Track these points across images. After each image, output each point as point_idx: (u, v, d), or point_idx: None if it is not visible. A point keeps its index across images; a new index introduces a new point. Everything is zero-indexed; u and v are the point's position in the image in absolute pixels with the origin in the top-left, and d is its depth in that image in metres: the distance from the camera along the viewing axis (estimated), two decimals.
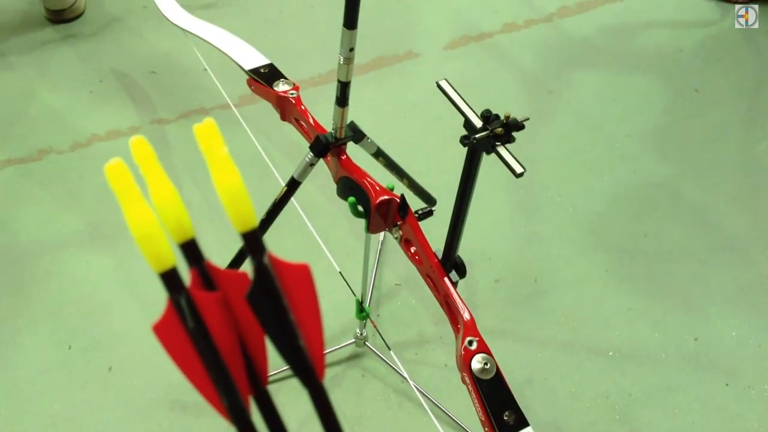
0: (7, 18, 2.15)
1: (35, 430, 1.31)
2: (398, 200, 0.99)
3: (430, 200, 1.40)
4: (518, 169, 0.76)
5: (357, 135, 1.12)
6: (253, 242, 0.35)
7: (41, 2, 2.12)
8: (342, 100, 1.00)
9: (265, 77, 1.22)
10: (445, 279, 0.94)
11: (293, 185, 1.13)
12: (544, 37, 2.20)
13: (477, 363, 0.83)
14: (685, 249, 1.65)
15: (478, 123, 0.80)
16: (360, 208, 1.02)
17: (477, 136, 0.79)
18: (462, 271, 0.97)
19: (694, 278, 1.59)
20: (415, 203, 1.18)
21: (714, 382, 1.42)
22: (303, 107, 1.16)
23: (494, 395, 0.80)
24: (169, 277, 0.35)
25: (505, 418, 0.79)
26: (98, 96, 1.94)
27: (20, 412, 1.33)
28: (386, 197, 0.99)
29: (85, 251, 1.58)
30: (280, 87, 1.20)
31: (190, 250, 0.35)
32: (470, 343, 0.85)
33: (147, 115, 1.89)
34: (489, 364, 0.82)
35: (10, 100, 1.92)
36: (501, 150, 0.78)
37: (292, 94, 1.18)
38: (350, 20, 0.88)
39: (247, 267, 0.36)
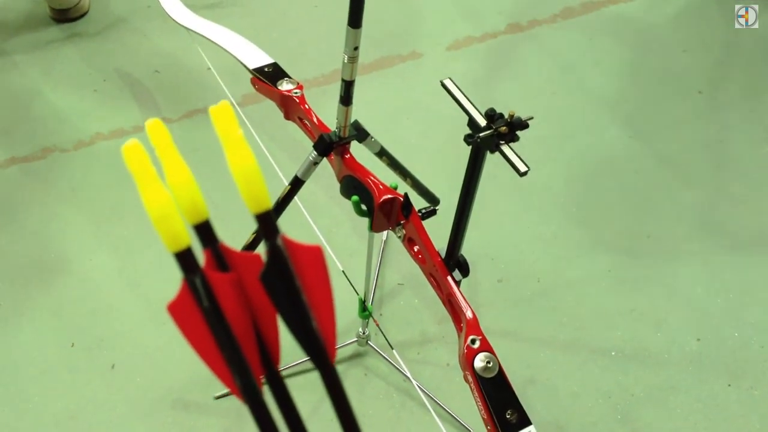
0: (11, 17, 2.16)
1: (38, 428, 1.32)
2: (402, 199, 0.99)
3: (433, 200, 1.40)
4: (522, 168, 0.76)
5: (361, 134, 1.13)
6: (266, 224, 0.36)
7: (46, 1, 2.12)
8: (346, 98, 1.01)
9: (269, 76, 1.22)
10: (448, 278, 0.94)
11: (297, 184, 1.13)
12: (548, 38, 2.20)
13: (480, 361, 0.83)
14: (687, 249, 1.65)
15: (482, 122, 0.80)
16: (363, 207, 1.03)
17: (481, 134, 0.79)
18: (465, 270, 0.97)
19: (697, 279, 1.59)
20: (419, 203, 1.18)
21: (716, 383, 1.42)
22: (307, 106, 1.17)
23: (497, 394, 0.81)
24: (184, 257, 0.35)
25: (508, 416, 0.79)
26: (102, 95, 1.95)
27: (23, 410, 1.34)
28: (390, 196, 1.00)
29: (88, 250, 1.58)
30: (284, 86, 1.20)
31: (205, 231, 0.36)
32: (473, 341, 0.85)
33: (150, 115, 1.89)
34: (492, 363, 0.82)
35: (14, 98, 1.93)
36: (505, 149, 0.78)
37: (296, 93, 1.19)
38: (355, 19, 0.89)
39: (259, 249, 0.36)
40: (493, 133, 0.79)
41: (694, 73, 2.11)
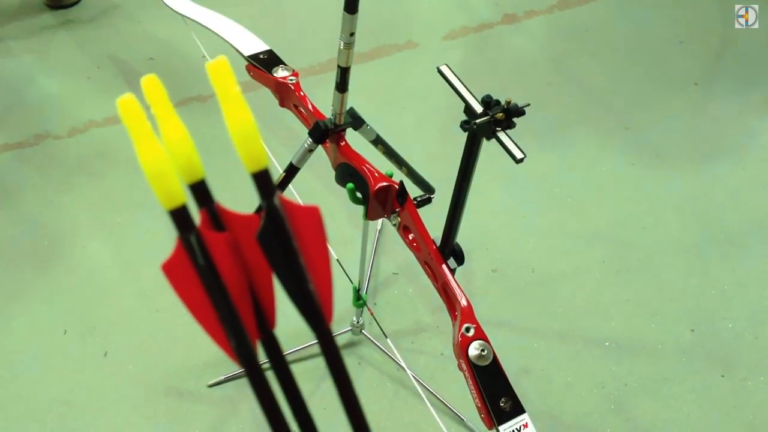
0: (5, 3, 2.14)
1: (31, 414, 1.31)
2: (397, 187, 0.99)
3: (428, 189, 1.40)
4: (518, 155, 0.75)
5: (356, 121, 1.12)
6: (263, 182, 0.35)
7: None
8: (342, 85, 1.00)
9: (264, 63, 1.21)
10: (443, 266, 0.94)
11: (291, 171, 1.12)
12: (545, 28, 2.19)
13: (474, 349, 0.82)
14: (682, 241, 1.65)
15: (478, 108, 0.80)
16: (358, 194, 1.02)
17: (477, 121, 0.78)
18: (460, 258, 0.97)
19: (692, 270, 1.59)
20: (414, 192, 1.17)
21: (710, 374, 1.42)
22: (302, 93, 1.16)
23: (491, 382, 0.80)
24: (179, 215, 0.34)
25: (502, 404, 0.78)
26: (96, 82, 1.93)
27: (16, 397, 1.33)
28: (385, 184, 0.99)
29: (81, 237, 1.57)
30: (280, 73, 1.19)
31: (200, 190, 0.35)
32: (467, 329, 0.84)
33: (145, 102, 1.88)
34: (486, 351, 0.82)
35: (7, 85, 1.91)
36: (501, 135, 0.78)
37: (291, 80, 1.18)
38: (351, 4, 0.88)
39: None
40: (490, 120, 0.78)
41: (690, 64, 2.11)
